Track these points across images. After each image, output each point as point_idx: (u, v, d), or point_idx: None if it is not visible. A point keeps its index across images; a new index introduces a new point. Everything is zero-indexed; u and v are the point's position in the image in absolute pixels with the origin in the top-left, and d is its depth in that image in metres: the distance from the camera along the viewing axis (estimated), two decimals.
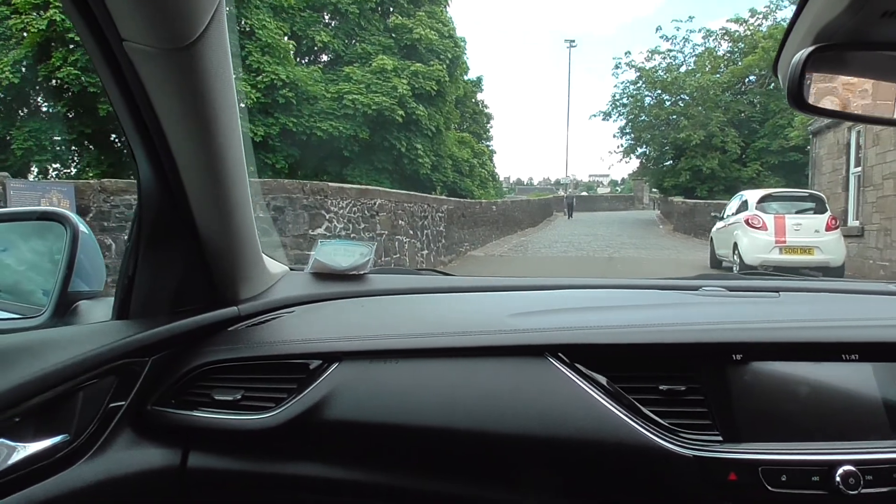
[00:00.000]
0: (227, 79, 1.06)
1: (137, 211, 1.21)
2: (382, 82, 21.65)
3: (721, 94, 30.94)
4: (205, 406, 1.21)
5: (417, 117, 22.52)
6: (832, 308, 1.42)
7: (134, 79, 1.00)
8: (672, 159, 32.57)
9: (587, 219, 36.55)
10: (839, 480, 1.03)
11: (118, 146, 19.69)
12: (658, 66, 33.36)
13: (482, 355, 1.20)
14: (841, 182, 15.09)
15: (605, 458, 1.11)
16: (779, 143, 26.93)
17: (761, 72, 30.00)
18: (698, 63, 32.93)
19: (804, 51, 0.85)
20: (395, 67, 22.09)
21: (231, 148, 1.15)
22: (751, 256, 11.97)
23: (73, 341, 1.11)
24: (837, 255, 11.90)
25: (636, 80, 33.69)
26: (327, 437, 1.18)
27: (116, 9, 0.89)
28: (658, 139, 32.71)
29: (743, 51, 31.84)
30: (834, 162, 15.61)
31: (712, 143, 29.36)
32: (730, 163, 29.55)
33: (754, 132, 29.85)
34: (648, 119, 33.19)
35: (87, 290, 1.29)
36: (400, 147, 22.46)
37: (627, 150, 35.02)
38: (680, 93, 32.12)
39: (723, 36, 32.96)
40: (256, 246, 1.39)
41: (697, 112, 30.18)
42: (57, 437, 1.06)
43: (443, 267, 13.75)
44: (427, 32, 23.67)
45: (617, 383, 1.14)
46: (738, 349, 1.14)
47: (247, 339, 1.28)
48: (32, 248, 1.44)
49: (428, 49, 23.75)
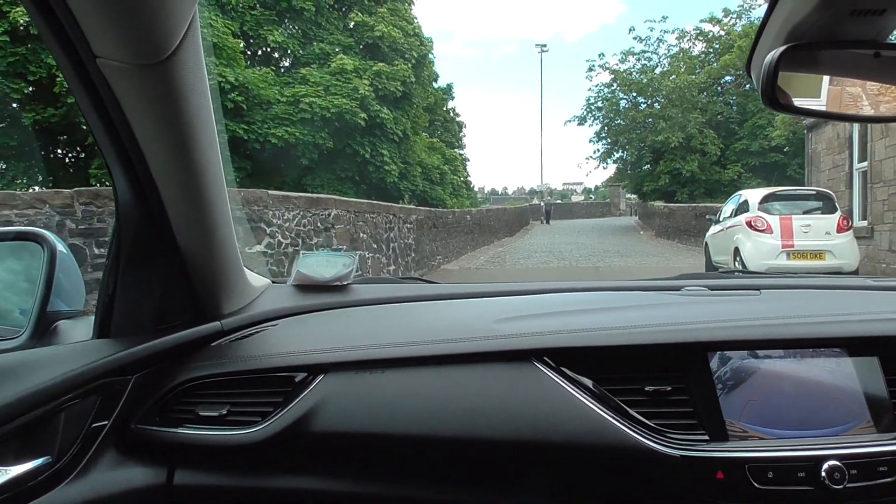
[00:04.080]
0: (202, 92, 1.08)
1: (116, 228, 1.24)
2: (342, 84, 21.21)
3: (698, 94, 31.66)
4: (190, 422, 1.22)
5: (382, 120, 22.12)
6: (813, 304, 1.45)
7: (108, 96, 1.02)
8: (650, 163, 32.81)
9: (565, 226, 37.57)
10: (825, 475, 1.07)
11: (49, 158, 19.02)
12: (632, 67, 33.65)
13: (469, 362, 1.22)
14: (844, 179, 14.59)
15: (594, 461, 1.13)
16: (759, 143, 27.23)
17: (738, 72, 30.77)
18: (673, 64, 33.26)
19: (776, 50, 0.89)
20: (355, 68, 21.68)
21: (209, 163, 1.17)
22: (755, 263, 11.01)
23: (53, 361, 1.13)
24: (851, 258, 11.08)
25: (610, 82, 33.89)
26: (315, 450, 1.20)
27: (89, 26, 0.91)
28: (635, 142, 33.00)
29: (718, 51, 32.24)
30: (834, 158, 15.15)
31: (691, 145, 29.60)
32: (710, 165, 29.76)
33: (733, 133, 30.18)
34: (624, 122, 33.23)
35: (67, 309, 1.30)
36: (364, 153, 22.12)
37: (604, 155, 35.26)
38: (656, 94, 32.53)
39: (697, 36, 33.52)
40: (238, 260, 1.41)
41: (675, 114, 30.56)
42: (39, 459, 1.08)
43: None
44: (390, 30, 23.36)
45: (603, 385, 1.16)
46: (720, 347, 1.18)
47: (231, 354, 1.30)
48: (9, 269, 1.43)
49: (391, 48, 23.50)
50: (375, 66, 22.23)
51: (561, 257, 19.70)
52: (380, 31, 23.05)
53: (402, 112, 23.47)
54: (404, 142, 24.24)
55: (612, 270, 15.96)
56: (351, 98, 20.79)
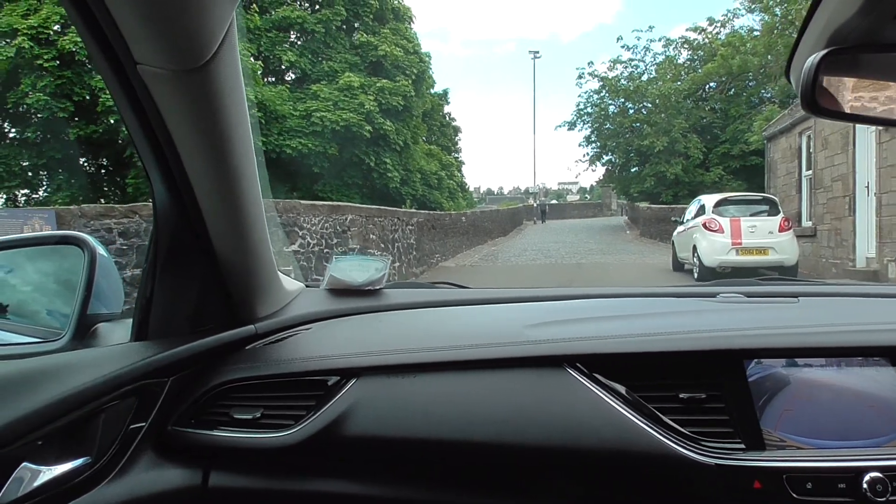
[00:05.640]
0: (239, 98, 1.06)
1: (154, 232, 1.22)
2: (349, 99, 21.90)
3: (682, 101, 31.15)
4: (224, 425, 1.22)
5: (385, 132, 22.70)
6: (852, 312, 1.41)
7: (148, 101, 1.01)
8: (637, 166, 32.78)
9: (557, 226, 37.01)
10: (866, 487, 1.02)
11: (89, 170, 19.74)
12: (620, 74, 33.78)
13: (501, 367, 1.19)
14: (794, 185, 15.50)
15: (626, 468, 1.10)
16: (739, 147, 27.22)
17: (721, 78, 30.39)
18: (659, 71, 33.41)
19: (817, 54, 0.84)
20: (361, 84, 22.34)
21: (245, 167, 1.15)
22: (709, 258, 12.30)
23: (92, 364, 1.12)
24: (791, 254, 12.25)
25: (599, 89, 34.04)
26: (347, 453, 1.18)
27: (130, 32, 0.90)
28: (623, 146, 32.75)
29: (702, 58, 32.15)
30: (787, 165, 16.02)
31: (675, 149, 29.74)
32: (693, 168, 29.88)
33: (716, 138, 30.20)
34: (613, 127, 33.34)
35: (106, 312, 1.30)
36: (369, 162, 22.69)
37: (593, 159, 35.33)
38: (643, 100, 32.52)
39: (682, 44, 33.49)
40: (272, 264, 1.39)
41: (660, 119, 30.56)
42: (79, 459, 1.07)
43: (414, 278, 13.94)
44: (392, 49, 23.96)
45: (636, 392, 1.13)
46: (758, 355, 1.14)
47: (265, 358, 1.29)
48: (52, 272, 1.44)
49: (394, 65, 24.05)
50: (379, 83, 22.81)
51: (548, 255, 20.09)
52: (383, 51, 23.66)
53: (403, 124, 23.90)
54: (405, 151, 24.71)
55: (591, 266, 16.52)
56: (357, 112, 21.51)
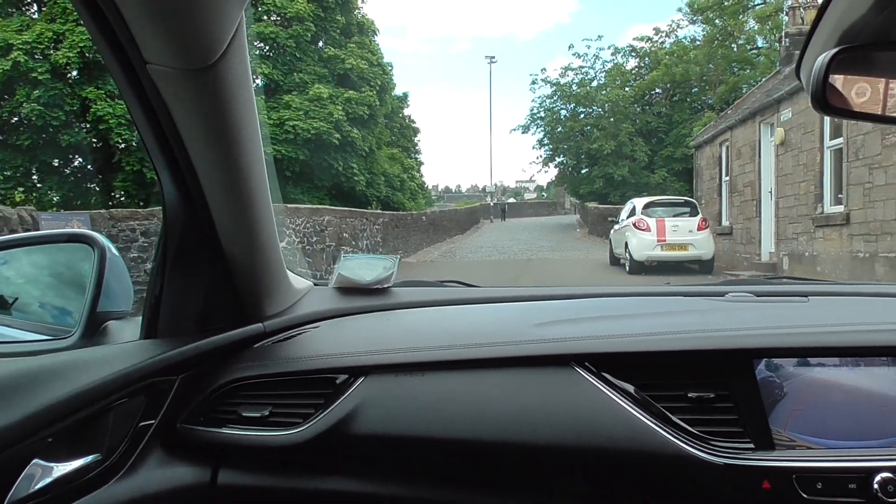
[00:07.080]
0: (248, 97, 1.05)
1: (163, 231, 1.22)
2: (319, 109, 22.59)
3: (630, 106, 32.95)
4: (233, 423, 1.21)
5: (352, 139, 23.40)
6: (863, 311, 1.40)
7: (158, 101, 1.00)
8: (587, 167, 33.93)
9: (513, 225, 38.32)
10: (877, 488, 1.00)
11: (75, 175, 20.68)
12: (571, 81, 35.02)
13: (509, 366, 1.18)
14: (716, 189, 17.08)
15: (635, 467, 1.09)
16: (682, 150, 27.90)
17: (665, 85, 31.96)
18: (608, 78, 34.55)
19: (828, 52, 0.82)
20: (330, 95, 23.09)
21: (254, 165, 1.13)
22: (639, 253, 13.85)
23: (102, 361, 1.11)
24: (708, 250, 13.81)
25: (552, 94, 35.34)
26: (356, 452, 1.18)
27: (140, 32, 0.89)
28: (574, 149, 34.15)
29: (649, 66, 33.64)
30: (711, 171, 17.60)
31: (623, 152, 30.87)
32: (639, 170, 31.03)
33: (661, 141, 31.35)
34: (564, 130, 34.46)
35: (116, 310, 1.28)
36: (337, 167, 23.38)
37: (546, 160, 36.57)
38: (592, 105, 33.75)
39: (630, 52, 35.08)
40: (280, 262, 1.38)
41: (609, 123, 31.80)
42: (89, 457, 1.06)
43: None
44: (358, 62, 24.73)
45: (645, 391, 1.12)
46: (767, 354, 1.12)
47: (273, 356, 1.28)
48: (61, 270, 1.43)
49: (359, 77, 24.82)
50: (346, 94, 23.68)
51: (502, 252, 21.36)
52: (350, 64, 24.42)
53: (368, 131, 24.72)
54: (370, 156, 25.51)
55: (540, 262, 17.77)
56: (327, 121, 22.41)
